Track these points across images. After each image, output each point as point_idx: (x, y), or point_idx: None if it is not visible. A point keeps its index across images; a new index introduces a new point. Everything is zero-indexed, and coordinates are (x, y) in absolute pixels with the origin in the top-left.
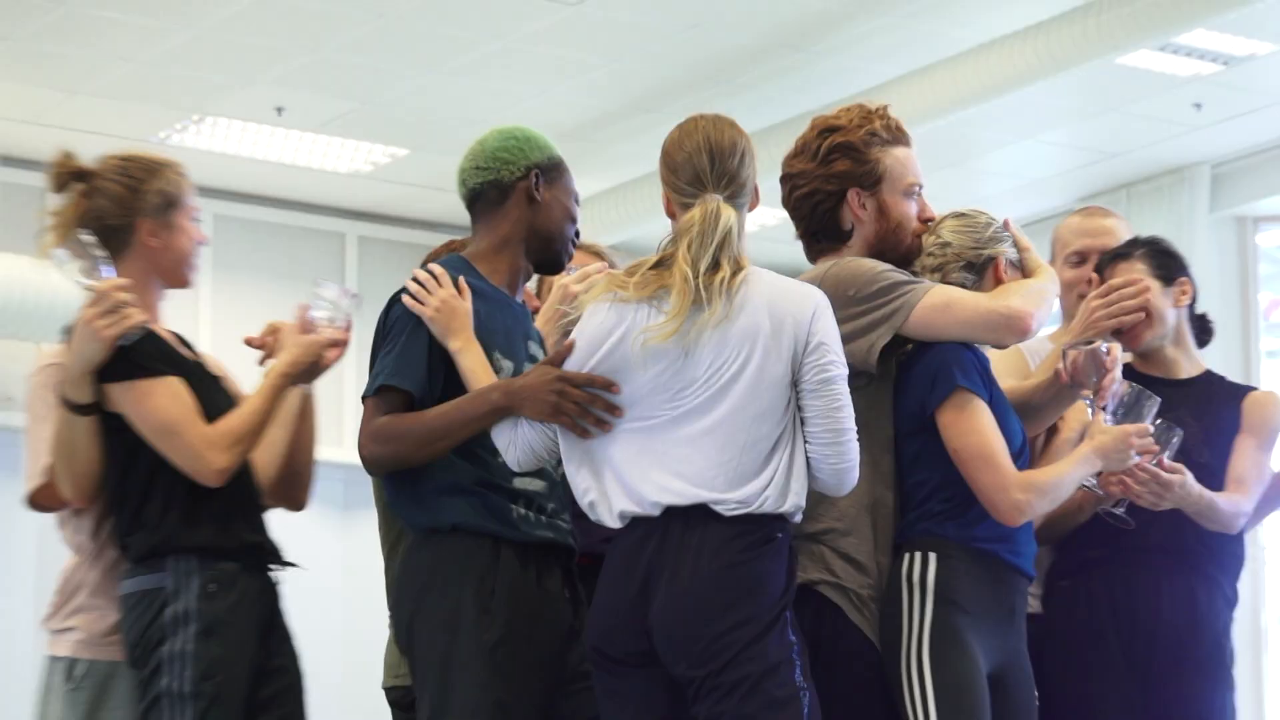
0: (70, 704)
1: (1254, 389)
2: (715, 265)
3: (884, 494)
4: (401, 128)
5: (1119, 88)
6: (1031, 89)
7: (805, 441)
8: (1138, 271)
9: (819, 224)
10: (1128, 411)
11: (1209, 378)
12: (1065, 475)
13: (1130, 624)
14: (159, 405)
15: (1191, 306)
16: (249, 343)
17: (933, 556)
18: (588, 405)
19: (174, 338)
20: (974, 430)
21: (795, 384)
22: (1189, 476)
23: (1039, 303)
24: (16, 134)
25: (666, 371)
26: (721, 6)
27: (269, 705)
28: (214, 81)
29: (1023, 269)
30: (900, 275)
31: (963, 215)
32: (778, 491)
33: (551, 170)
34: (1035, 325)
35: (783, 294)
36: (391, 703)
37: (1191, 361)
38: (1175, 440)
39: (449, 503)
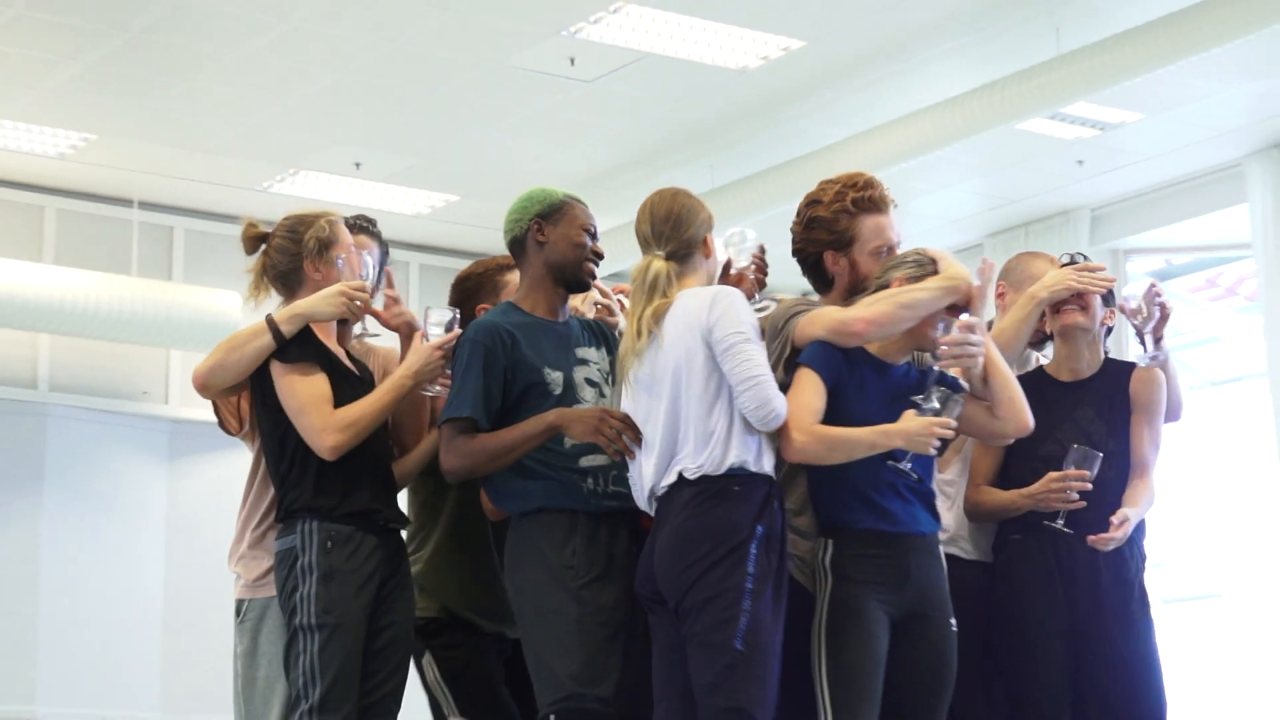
0: (240, 635)
1: (1135, 365)
2: (650, 302)
3: None
4: (454, 178)
5: (1018, 148)
6: (951, 148)
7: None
8: None
9: (808, 272)
10: (941, 408)
11: (1105, 368)
12: (858, 438)
13: (1072, 575)
14: (298, 389)
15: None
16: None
17: (830, 542)
18: (621, 432)
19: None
20: (795, 393)
21: (715, 359)
22: (1129, 513)
23: (879, 309)
24: (154, 184)
25: (645, 384)
26: (703, 83)
27: (380, 654)
28: (305, 142)
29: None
30: (804, 307)
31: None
32: (722, 450)
33: (551, 214)
34: (864, 328)
35: (692, 302)
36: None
37: (1096, 363)
38: (1096, 464)
39: (533, 488)
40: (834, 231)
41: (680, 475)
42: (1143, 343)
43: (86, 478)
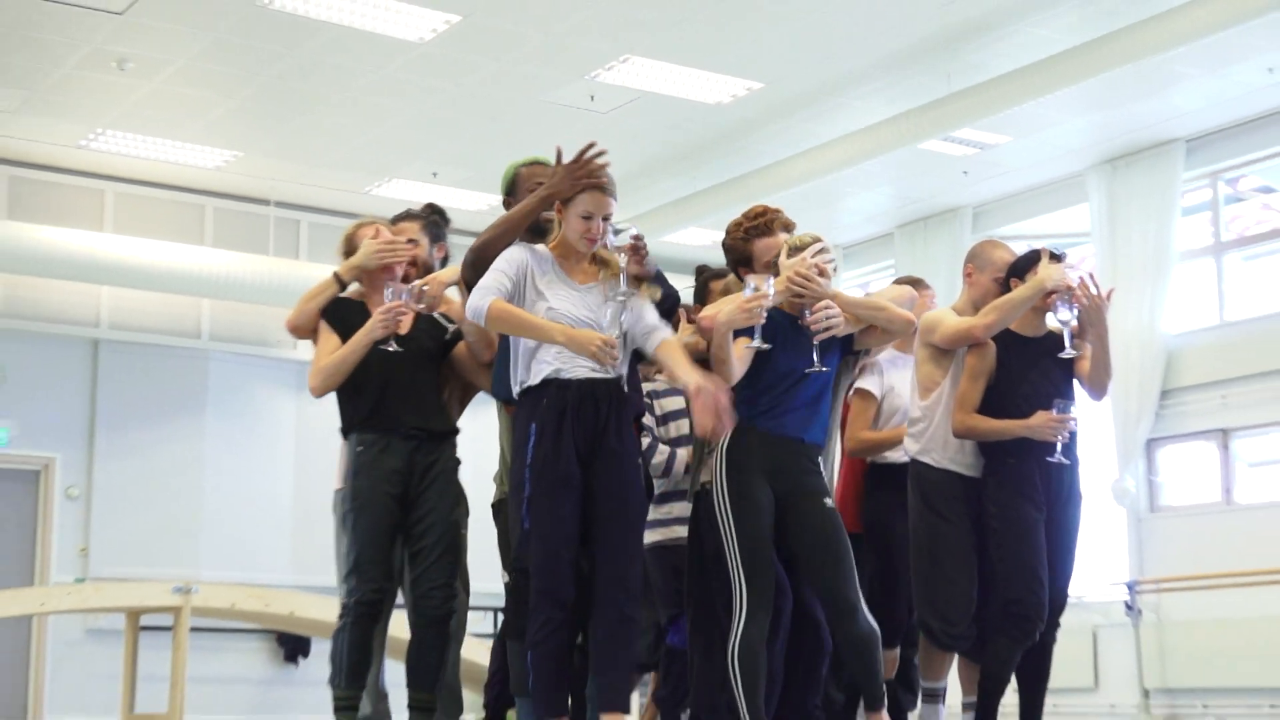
0: (334, 515)
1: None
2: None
3: None
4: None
5: (919, 162)
6: (869, 162)
7: None
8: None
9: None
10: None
11: (1049, 333)
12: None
13: (1046, 486)
14: (318, 342)
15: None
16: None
17: (725, 438)
18: (608, 350)
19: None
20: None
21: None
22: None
23: (721, 310)
24: (285, 188)
25: None
26: (689, 114)
27: (416, 532)
28: (396, 157)
29: None
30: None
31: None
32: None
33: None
34: (710, 323)
35: None
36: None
37: (1044, 329)
38: (1071, 410)
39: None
40: (738, 254)
41: None
42: (1068, 340)
43: (237, 404)
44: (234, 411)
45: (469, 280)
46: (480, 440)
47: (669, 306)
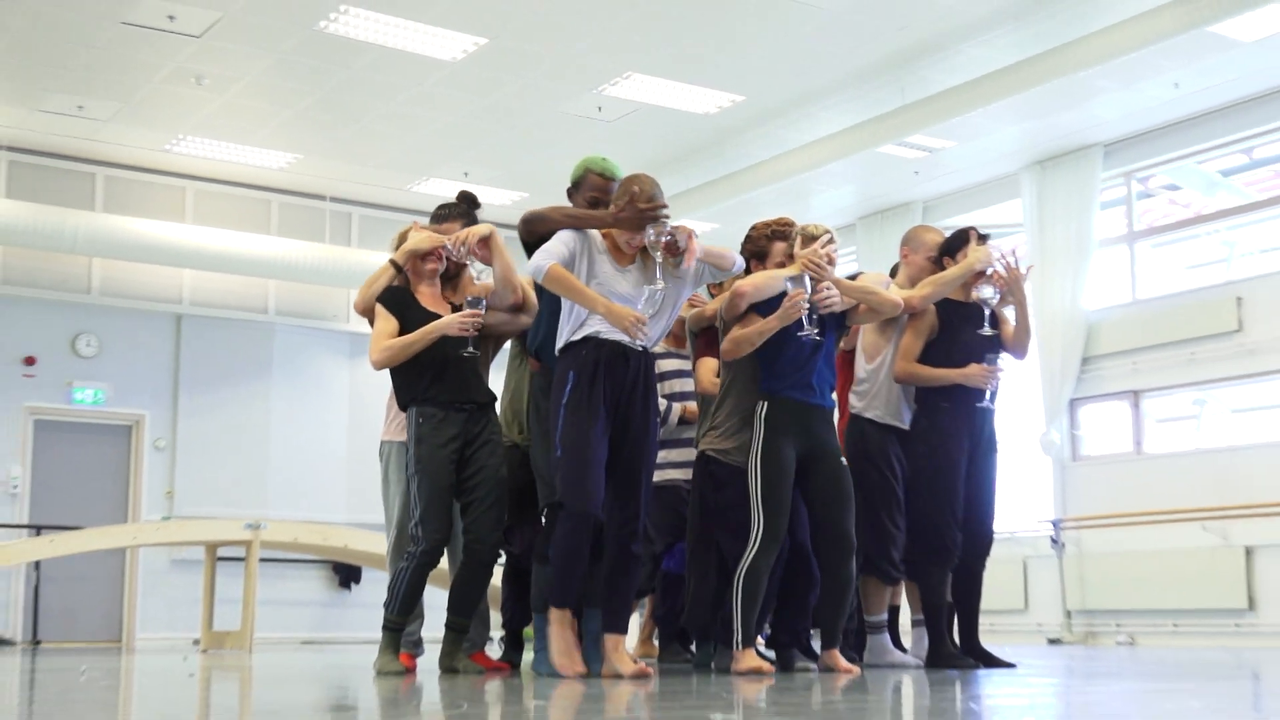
0: (381, 464)
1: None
2: None
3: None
4: (526, 181)
5: (878, 163)
6: (836, 164)
7: None
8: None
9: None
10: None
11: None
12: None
13: (970, 431)
14: (376, 323)
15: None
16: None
17: (764, 404)
18: (639, 327)
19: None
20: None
21: None
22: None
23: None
24: (339, 186)
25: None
26: (682, 122)
27: (469, 486)
28: (433, 159)
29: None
30: None
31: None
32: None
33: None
34: (745, 289)
35: None
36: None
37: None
38: (999, 361)
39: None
40: (756, 247)
41: None
42: (987, 317)
43: (298, 368)
44: (296, 375)
45: (522, 236)
46: None
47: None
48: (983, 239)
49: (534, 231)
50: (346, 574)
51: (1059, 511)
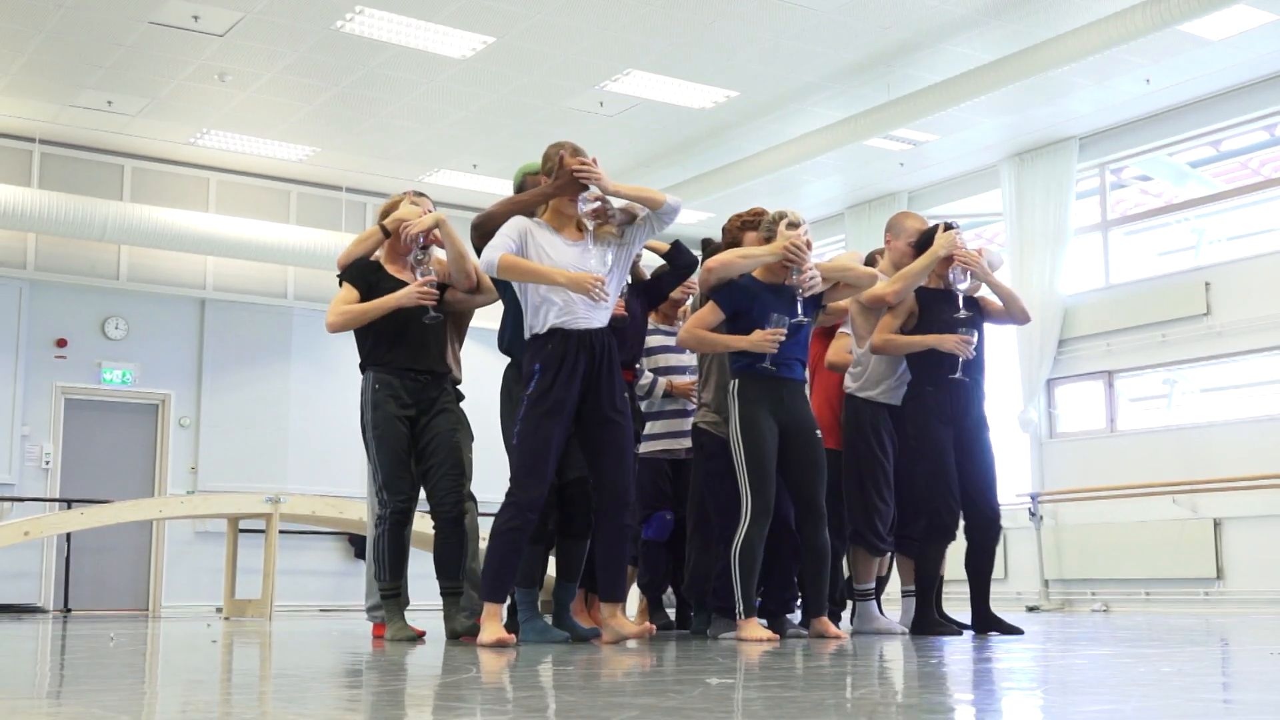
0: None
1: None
2: None
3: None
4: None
5: (865, 156)
6: (824, 156)
7: None
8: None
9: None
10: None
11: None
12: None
13: (955, 410)
14: (340, 294)
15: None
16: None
17: (736, 381)
18: (599, 288)
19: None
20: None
21: None
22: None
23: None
24: (354, 177)
25: None
26: (679, 117)
27: (426, 452)
28: (444, 152)
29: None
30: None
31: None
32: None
33: (520, 189)
34: (715, 265)
35: None
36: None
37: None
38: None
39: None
40: (732, 237)
41: None
42: (961, 302)
43: (315, 350)
44: (313, 357)
45: (475, 243)
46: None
47: (686, 272)
48: (949, 228)
49: (486, 235)
50: (361, 545)
51: (1037, 486)
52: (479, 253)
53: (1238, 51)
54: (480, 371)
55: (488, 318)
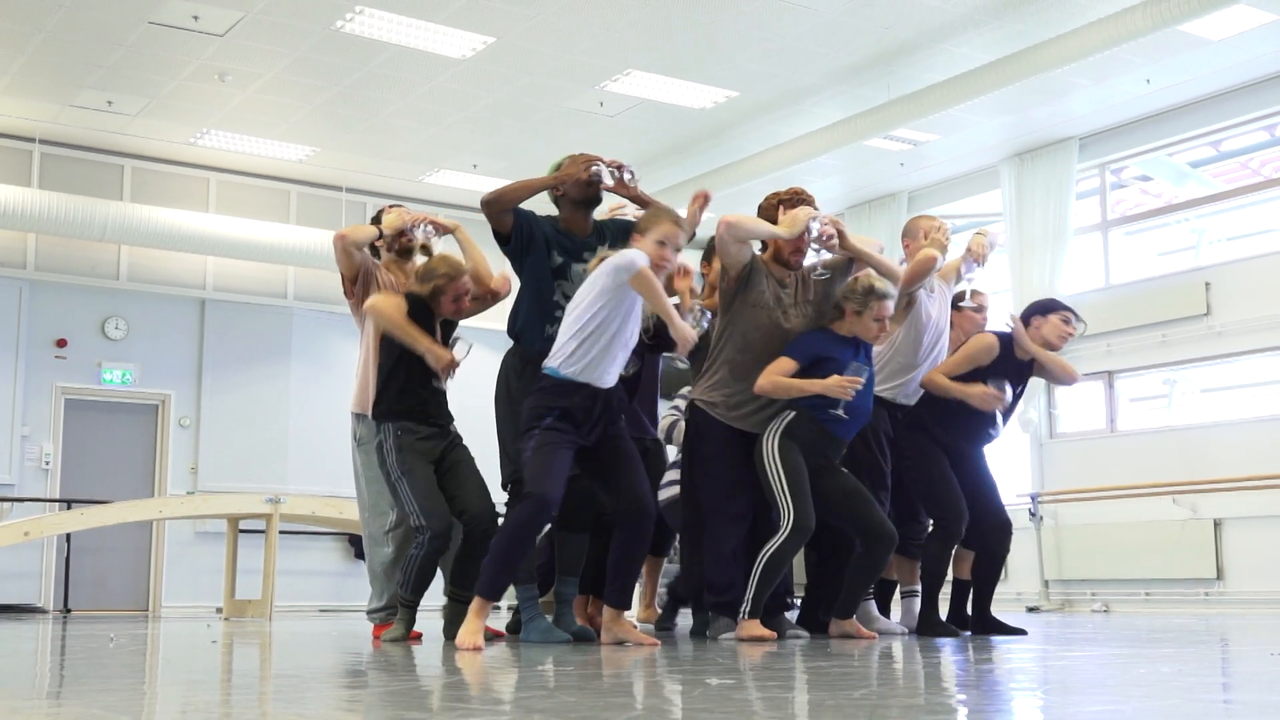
0: (352, 434)
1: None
2: None
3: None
4: (531, 172)
5: (865, 156)
6: (824, 156)
7: None
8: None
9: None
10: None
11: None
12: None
13: (956, 440)
14: (396, 301)
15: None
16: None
17: (790, 413)
18: (451, 370)
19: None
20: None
21: None
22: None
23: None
24: (354, 177)
25: None
26: (679, 117)
27: (451, 476)
28: (444, 152)
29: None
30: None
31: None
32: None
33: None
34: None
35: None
36: None
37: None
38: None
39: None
40: (767, 216)
41: None
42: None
43: (315, 350)
44: (313, 357)
45: (488, 214)
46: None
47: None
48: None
49: (498, 209)
50: (361, 546)
51: (1037, 486)
52: (496, 234)
53: (1238, 51)
54: (481, 372)
55: (488, 318)
